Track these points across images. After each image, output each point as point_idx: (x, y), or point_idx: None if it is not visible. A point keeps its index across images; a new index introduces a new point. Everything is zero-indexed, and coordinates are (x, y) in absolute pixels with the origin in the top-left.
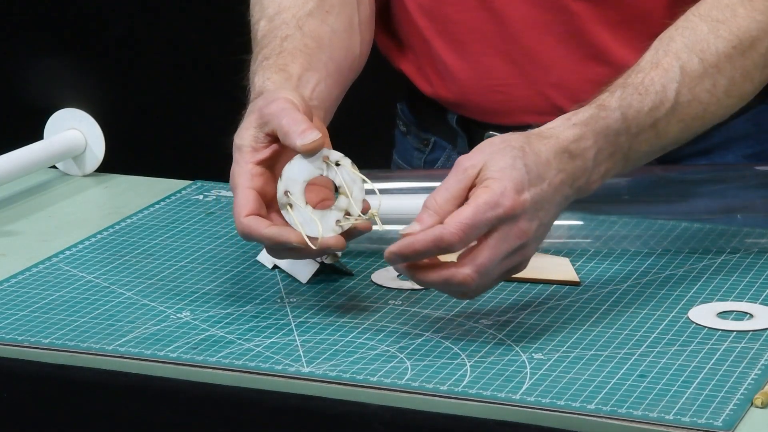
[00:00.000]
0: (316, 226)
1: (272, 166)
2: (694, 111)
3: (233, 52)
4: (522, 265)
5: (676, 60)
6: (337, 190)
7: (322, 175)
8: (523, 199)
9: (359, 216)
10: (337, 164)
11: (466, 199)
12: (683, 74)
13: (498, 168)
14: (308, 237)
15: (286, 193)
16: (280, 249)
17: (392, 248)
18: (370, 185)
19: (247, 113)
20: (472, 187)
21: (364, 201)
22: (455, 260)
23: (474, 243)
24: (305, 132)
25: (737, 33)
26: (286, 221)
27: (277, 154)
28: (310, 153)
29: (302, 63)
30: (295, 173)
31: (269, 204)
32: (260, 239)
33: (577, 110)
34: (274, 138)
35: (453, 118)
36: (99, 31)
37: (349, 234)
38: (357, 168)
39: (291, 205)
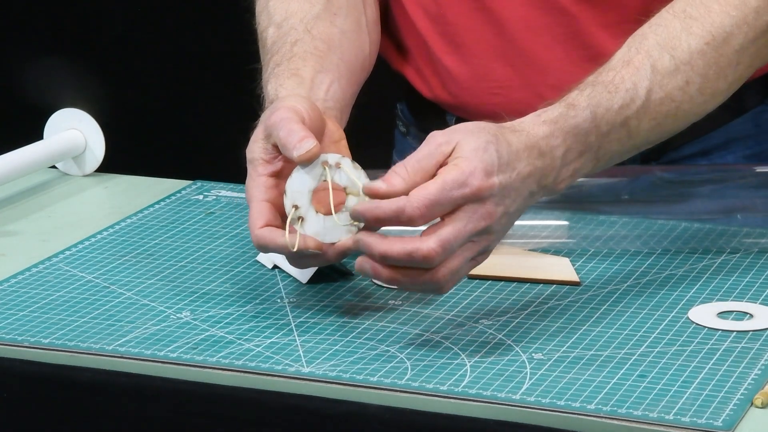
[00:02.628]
0: (331, 232)
1: (286, 176)
2: (666, 109)
3: (234, 53)
4: (486, 253)
5: (647, 58)
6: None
7: (324, 180)
8: (491, 182)
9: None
10: (338, 166)
11: (434, 174)
12: (654, 72)
13: (471, 148)
14: (326, 243)
15: (294, 207)
16: (299, 257)
17: (357, 206)
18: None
19: (258, 124)
20: (443, 164)
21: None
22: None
23: (438, 221)
24: (300, 142)
25: (710, 29)
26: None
27: (288, 165)
28: (307, 162)
29: (314, 66)
30: (299, 185)
31: (284, 214)
32: (276, 249)
33: (546, 108)
34: (279, 149)
35: (452, 120)
36: (99, 31)
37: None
38: (357, 164)
39: (302, 218)
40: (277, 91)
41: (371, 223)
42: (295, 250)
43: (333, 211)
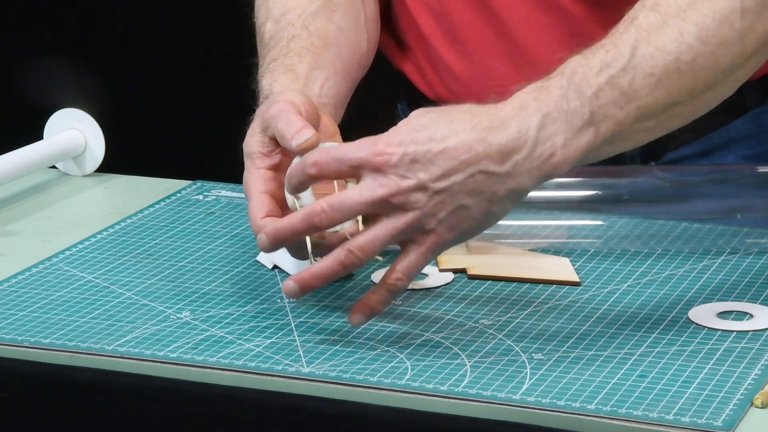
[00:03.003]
0: None
1: (283, 170)
2: (662, 62)
3: (234, 53)
4: (421, 241)
5: (630, 21)
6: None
7: None
8: (388, 152)
9: None
10: None
11: None
12: (638, 30)
13: (396, 126)
14: (329, 232)
15: (295, 197)
16: (301, 248)
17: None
18: None
19: (254, 118)
20: None
21: None
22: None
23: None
24: (299, 132)
25: None
26: None
27: (287, 156)
28: (306, 151)
29: (309, 62)
30: None
31: (283, 207)
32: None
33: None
34: (277, 142)
35: None
36: (99, 31)
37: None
38: None
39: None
40: (271, 86)
41: (288, 181)
42: (309, 247)
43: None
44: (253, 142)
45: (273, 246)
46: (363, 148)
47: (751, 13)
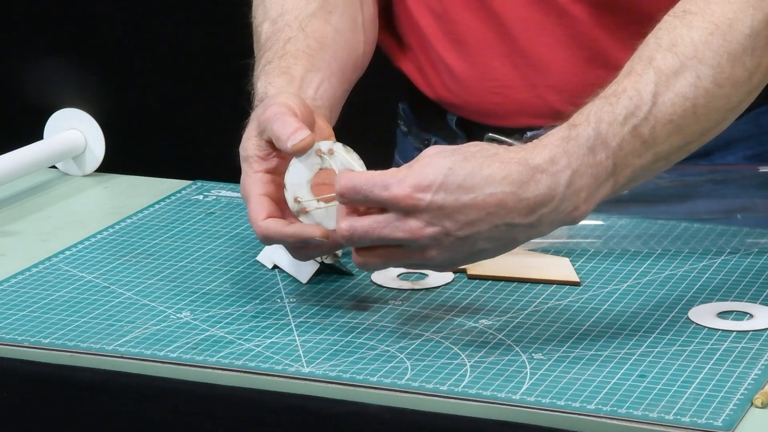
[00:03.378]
0: (333, 219)
1: (280, 173)
2: (681, 109)
3: (233, 53)
4: (425, 266)
5: (648, 62)
6: None
7: (321, 168)
8: (416, 198)
9: None
10: (331, 152)
11: None
12: (658, 74)
13: (421, 163)
14: (330, 230)
15: (295, 200)
16: (303, 248)
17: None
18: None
19: (249, 121)
20: None
21: None
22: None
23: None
24: (294, 133)
25: (712, 19)
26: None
27: (284, 159)
28: (301, 152)
29: (305, 64)
30: (297, 177)
31: (283, 209)
32: (282, 239)
33: (548, 132)
34: (274, 145)
35: (452, 120)
36: (99, 31)
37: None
38: (350, 148)
39: (305, 210)
40: (266, 89)
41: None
42: (301, 237)
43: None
44: (250, 145)
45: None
46: (390, 185)
47: (760, 50)
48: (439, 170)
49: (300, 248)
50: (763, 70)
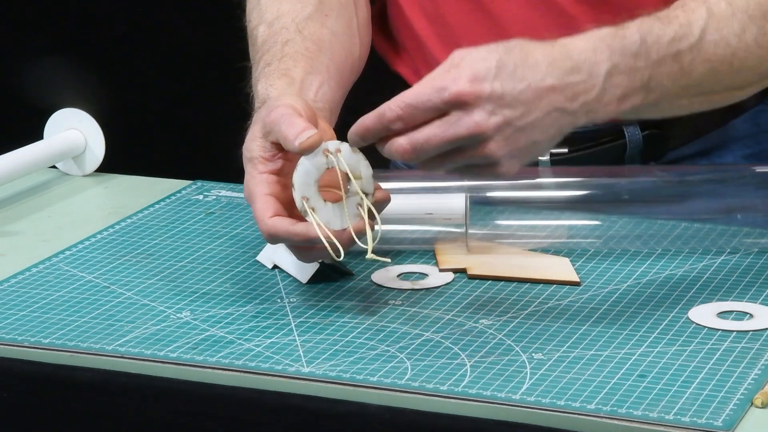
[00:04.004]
0: (340, 219)
1: (285, 174)
2: (721, 53)
3: (233, 53)
4: (487, 167)
5: (703, 2)
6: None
7: (328, 168)
8: (478, 89)
9: (375, 191)
10: (338, 152)
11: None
12: (710, 14)
13: (467, 58)
14: (338, 230)
15: (303, 198)
16: (308, 249)
17: (352, 130)
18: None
19: (252, 123)
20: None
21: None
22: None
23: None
24: (301, 133)
25: None
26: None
27: (288, 161)
28: (309, 151)
29: (304, 66)
30: (304, 176)
31: (288, 210)
32: (289, 237)
33: (595, 29)
34: (280, 146)
35: None
36: (99, 31)
37: (377, 210)
38: (356, 149)
39: (314, 209)
40: (267, 90)
41: (361, 135)
42: (307, 237)
43: (345, 196)
44: (255, 146)
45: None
46: (447, 86)
47: None
48: (490, 62)
49: (305, 249)
50: None
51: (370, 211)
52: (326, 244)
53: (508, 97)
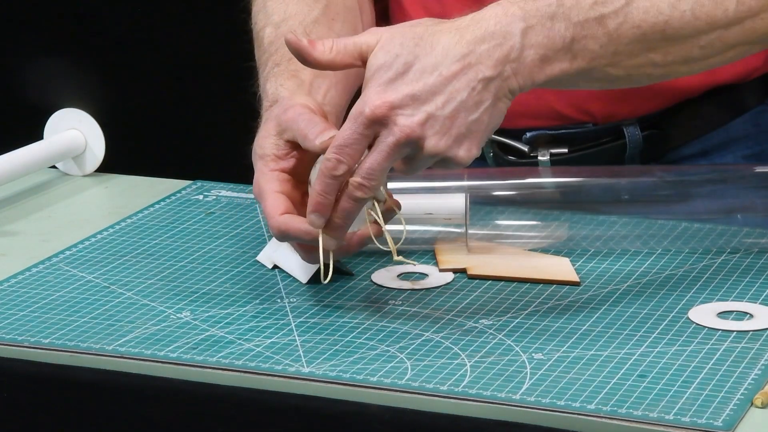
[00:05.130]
0: (354, 220)
1: (296, 174)
2: (652, 20)
3: (233, 53)
4: (443, 162)
5: None
6: None
7: None
8: (389, 100)
9: (386, 199)
10: None
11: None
12: None
13: (371, 69)
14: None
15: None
16: (315, 249)
17: (307, 211)
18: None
19: (264, 121)
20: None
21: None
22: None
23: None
24: (322, 132)
25: None
26: None
27: (300, 161)
28: None
29: (312, 70)
30: None
31: (299, 208)
32: (299, 235)
33: None
34: (294, 145)
35: None
36: (99, 31)
37: (384, 218)
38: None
39: None
40: (278, 90)
41: (318, 210)
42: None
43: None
44: (268, 144)
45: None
46: (357, 113)
47: (746, 7)
48: (394, 67)
49: (313, 248)
50: (743, 30)
51: (384, 216)
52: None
53: (422, 94)
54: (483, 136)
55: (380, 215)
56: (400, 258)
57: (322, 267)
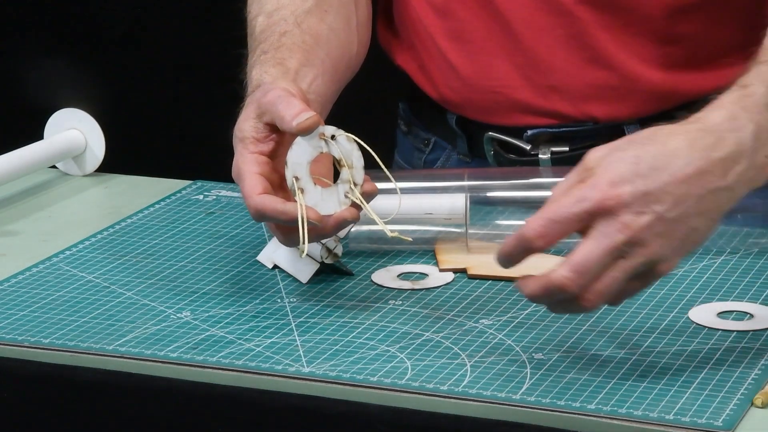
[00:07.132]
0: (327, 203)
1: (275, 156)
2: None
3: (233, 53)
4: (652, 271)
5: None
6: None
7: (322, 152)
8: (618, 192)
9: (363, 183)
10: (333, 138)
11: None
12: None
13: (602, 162)
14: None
15: (294, 178)
16: (294, 231)
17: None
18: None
19: (246, 105)
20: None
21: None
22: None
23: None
24: (300, 113)
25: None
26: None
27: (279, 144)
28: (306, 132)
29: (300, 58)
30: (298, 156)
31: (276, 191)
32: (276, 215)
33: (719, 96)
34: (273, 128)
35: (452, 119)
36: (99, 31)
37: (362, 201)
38: (352, 138)
39: (302, 190)
40: (261, 76)
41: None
42: (294, 216)
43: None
44: (247, 127)
45: None
46: (585, 196)
47: None
48: (626, 161)
49: (291, 231)
50: None
51: (363, 198)
52: (300, 224)
53: (654, 193)
54: (695, 247)
55: (361, 198)
56: (396, 234)
57: (303, 243)
